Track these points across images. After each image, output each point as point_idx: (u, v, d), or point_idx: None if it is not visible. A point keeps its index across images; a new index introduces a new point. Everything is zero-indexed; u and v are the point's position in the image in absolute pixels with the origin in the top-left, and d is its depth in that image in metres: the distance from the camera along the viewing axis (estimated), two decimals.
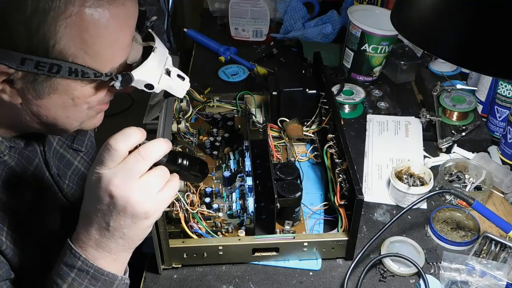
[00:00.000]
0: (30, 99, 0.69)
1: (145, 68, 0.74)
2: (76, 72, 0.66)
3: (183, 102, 1.06)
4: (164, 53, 0.80)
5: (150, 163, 0.68)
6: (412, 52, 1.41)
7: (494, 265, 0.88)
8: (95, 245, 0.69)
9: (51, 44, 0.64)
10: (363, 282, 0.88)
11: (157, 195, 0.68)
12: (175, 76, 0.80)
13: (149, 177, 0.67)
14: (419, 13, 0.64)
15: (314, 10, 1.61)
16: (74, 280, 0.70)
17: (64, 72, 0.66)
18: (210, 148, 1.08)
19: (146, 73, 0.74)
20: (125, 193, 0.65)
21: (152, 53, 0.76)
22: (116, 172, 0.65)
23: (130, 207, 0.66)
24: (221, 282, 0.89)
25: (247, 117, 1.11)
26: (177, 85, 0.81)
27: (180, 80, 0.81)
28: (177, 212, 0.84)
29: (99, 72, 0.68)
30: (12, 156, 0.80)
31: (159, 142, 0.70)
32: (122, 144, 0.66)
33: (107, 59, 0.69)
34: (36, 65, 0.64)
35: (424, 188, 1.00)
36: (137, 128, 0.69)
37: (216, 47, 1.51)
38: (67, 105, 0.71)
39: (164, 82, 0.78)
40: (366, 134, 1.20)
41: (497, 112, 1.16)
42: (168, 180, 0.70)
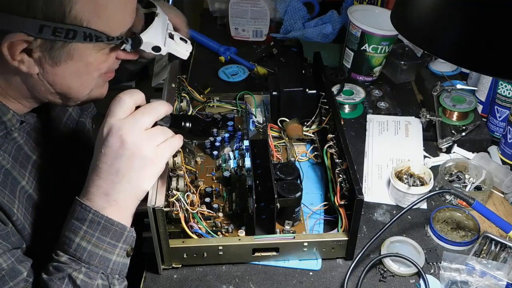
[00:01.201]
0: (47, 68, 0.72)
1: (151, 31, 0.80)
2: (90, 36, 0.70)
3: (183, 102, 1.06)
4: (165, 19, 0.85)
5: (154, 118, 0.77)
6: (412, 52, 1.41)
7: (494, 265, 0.88)
8: (103, 194, 0.74)
9: (67, 10, 0.67)
10: (363, 282, 0.88)
11: (160, 146, 0.76)
12: (178, 39, 0.88)
13: (153, 130, 0.76)
14: (419, 13, 0.64)
15: (314, 10, 1.61)
16: (86, 232, 0.74)
17: (80, 37, 0.69)
18: (210, 148, 1.08)
19: (153, 36, 0.80)
20: (134, 138, 0.73)
21: (156, 18, 0.82)
22: (126, 121, 0.74)
23: (138, 150, 0.73)
24: (221, 282, 0.89)
25: (247, 117, 1.11)
26: (181, 47, 0.88)
27: (183, 42, 0.89)
28: (177, 212, 0.84)
29: (111, 36, 0.73)
30: (21, 134, 0.82)
31: (161, 102, 0.80)
32: (129, 98, 0.75)
33: (117, 23, 0.73)
34: (53, 31, 0.67)
35: (424, 188, 1.00)
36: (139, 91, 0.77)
37: (216, 47, 1.51)
38: (81, 72, 0.75)
39: (169, 45, 0.85)
40: (366, 134, 1.20)
41: (497, 112, 1.16)
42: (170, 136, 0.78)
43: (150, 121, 0.76)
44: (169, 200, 0.83)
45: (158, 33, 0.82)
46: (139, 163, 0.74)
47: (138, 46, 0.79)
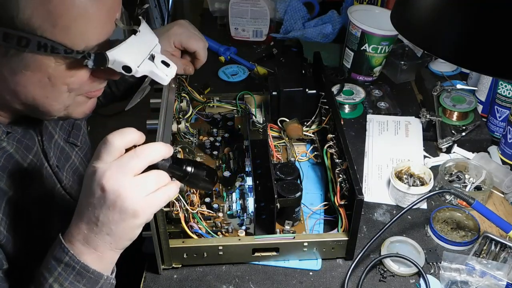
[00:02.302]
0: (6, 76, 0.69)
1: (122, 49, 0.71)
2: (45, 46, 0.65)
3: (183, 102, 1.06)
4: (151, 39, 0.78)
5: (146, 163, 0.67)
6: (412, 52, 1.41)
7: (494, 265, 0.88)
8: (83, 239, 0.69)
9: (14, 15, 0.63)
10: (363, 282, 0.88)
11: (149, 196, 0.67)
12: (159, 62, 0.78)
13: (143, 177, 0.67)
14: (419, 13, 0.64)
15: (314, 10, 1.61)
16: (60, 274, 0.69)
17: (33, 46, 0.65)
18: (210, 148, 1.09)
19: (124, 54, 0.71)
20: (116, 187, 0.65)
21: (133, 35, 0.74)
22: (110, 166, 0.66)
23: (119, 201, 0.65)
24: (221, 282, 0.89)
25: (247, 117, 1.11)
26: (160, 71, 0.78)
27: (165, 66, 0.79)
28: (177, 212, 0.84)
29: (70, 49, 0.66)
30: (10, 143, 0.80)
31: (157, 144, 0.70)
32: (118, 140, 0.66)
33: (79, 35, 0.67)
34: (4, 36, 0.64)
35: (424, 188, 1.00)
36: (135, 129, 0.69)
37: (216, 47, 1.51)
38: (44, 84, 0.70)
39: (145, 67, 0.76)
40: (366, 134, 1.20)
41: (497, 112, 1.16)
42: (165, 184, 0.69)
43: (140, 166, 0.67)
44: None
45: (132, 52, 0.73)
46: (118, 216, 0.66)
47: (102, 64, 0.70)
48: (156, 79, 0.79)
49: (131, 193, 0.66)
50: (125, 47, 0.72)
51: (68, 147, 0.97)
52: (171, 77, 0.81)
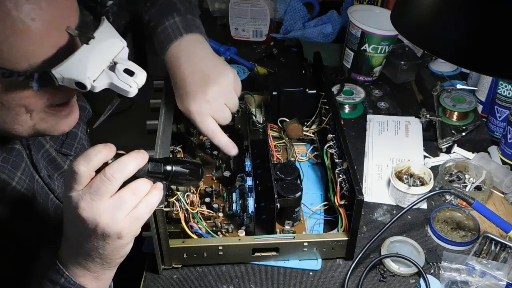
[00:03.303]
0: None
1: (71, 64, 0.62)
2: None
3: None
4: (113, 44, 0.67)
5: (118, 183, 0.64)
6: (412, 52, 1.41)
7: (494, 265, 0.88)
8: (75, 263, 0.68)
9: None
10: (363, 282, 0.88)
11: (131, 213, 0.65)
12: (121, 71, 0.67)
13: (120, 196, 0.64)
14: (419, 13, 0.64)
15: (314, 10, 1.61)
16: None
17: None
18: (210, 148, 1.08)
19: (73, 69, 0.62)
20: (92, 215, 0.62)
21: (84, 45, 0.63)
22: (82, 195, 0.62)
23: (100, 229, 0.63)
24: (221, 282, 0.89)
25: (247, 117, 1.11)
26: (121, 83, 0.67)
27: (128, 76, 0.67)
28: (177, 212, 0.84)
29: (8, 71, 0.60)
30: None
31: (128, 158, 0.65)
32: (83, 166, 0.62)
33: (17, 55, 0.60)
34: None
35: (424, 188, 1.00)
36: (101, 145, 0.64)
37: (216, 47, 1.50)
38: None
39: (103, 80, 0.66)
40: (366, 134, 1.20)
41: (497, 112, 1.16)
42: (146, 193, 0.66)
43: (112, 188, 0.63)
44: (169, 200, 0.83)
45: (82, 66, 0.63)
46: (103, 242, 0.64)
47: (49, 84, 0.62)
48: (120, 92, 0.68)
49: (110, 217, 0.63)
50: (73, 61, 0.63)
51: (60, 157, 0.94)
52: (138, 87, 0.69)
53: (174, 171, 0.71)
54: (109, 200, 0.63)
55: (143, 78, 0.70)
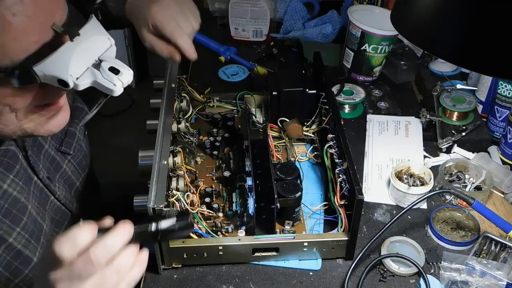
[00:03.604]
0: None
1: (52, 61, 0.60)
2: None
3: (183, 102, 1.06)
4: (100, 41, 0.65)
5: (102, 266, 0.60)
6: (412, 52, 1.41)
7: (494, 265, 0.88)
8: None
9: None
10: (363, 282, 0.88)
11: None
12: (106, 70, 0.64)
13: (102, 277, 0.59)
14: (419, 13, 0.64)
15: (314, 10, 1.61)
16: None
17: None
18: (210, 148, 1.09)
19: (55, 67, 0.61)
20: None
21: (68, 42, 0.62)
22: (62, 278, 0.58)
23: None
24: (221, 282, 0.89)
25: (247, 117, 1.11)
26: (105, 81, 0.64)
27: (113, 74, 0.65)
28: None
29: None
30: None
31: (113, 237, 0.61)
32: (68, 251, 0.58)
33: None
34: None
35: (424, 188, 1.00)
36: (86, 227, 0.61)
37: (216, 47, 1.51)
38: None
39: (87, 78, 0.64)
40: (366, 134, 1.20)
41: (497, 112, 1.16)
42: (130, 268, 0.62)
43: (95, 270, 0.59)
44: (169, 200, 0.83)
45: (65, 63, 0.61)
46: None
47: (31, 81, 0.60)
48: (104, 91, 0.66)
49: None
50: (57, 58, 0.61)
51: (59, 156, 0.94)
52: (124, 85, 0.67)
53: (162, 229, 0.69)
54: (91, 282, 0.59)
55: (129, 76, 0.67)
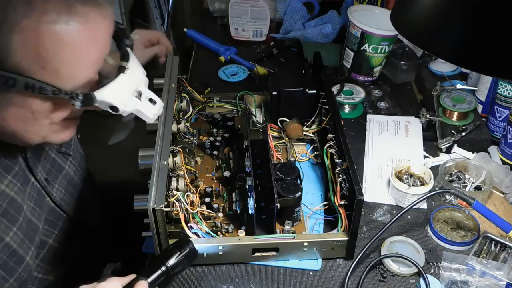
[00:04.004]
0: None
1: (110, 89, 0.71)
2: (33, 87, 0.64)
3: (183, 102, 1.06)
4: (138, 74, 0.77)
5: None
6: (412, 52, 1.41)
7: (494, 265, 0.88)
8: None
9: (5, 57, 0.61)
10: (363, 282, 0.88)
11: None
12: (145, 100, 0.77)
13: None
14: (419, 13, 0.64)
15: (314, 10, 1.61)
16: None
17: (20, 86, 0.63)
18: (210, 148, 1.08)
19: (111, 94, 0.71)
20: None
21: (121, 74, 0.73)
22: None
23: None
24: (221, 282, 0.89)
25: (247, 117, 1.11)
26: (146, 109, 0.78)
27: (151, 104, 0.79)
28: (177, 212, 0.84)
29: (58, 89, 0.66)
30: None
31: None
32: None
33: (68, 77, 0.66)
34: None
35: (424, 188, 1.00)
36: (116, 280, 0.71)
37: (216, 47, 1.51)
38: (27, 118, 0.69)
39: (132, 105, 0.75)
40: (366, 134, 1.20)
41: (497, 112, 1.16)
42: None
43: None
44: (169, 200, 0.83)
45: (120, 91, 0.73)
46: None
47: (90, 104, 0.70)
48: (142, 118, 0.78)
49: None
50: (113, 87, 0.71)
51: (60, 157, 0.95)
52: (158, 114, 0.81)
53: (170, 266, 0.79)
54: None
55: (161, 108, 0.81)
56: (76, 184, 0.99)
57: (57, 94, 0.66)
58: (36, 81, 0.64)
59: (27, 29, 0.61)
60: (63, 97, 0.67)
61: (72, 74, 0.67)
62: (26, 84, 0.64)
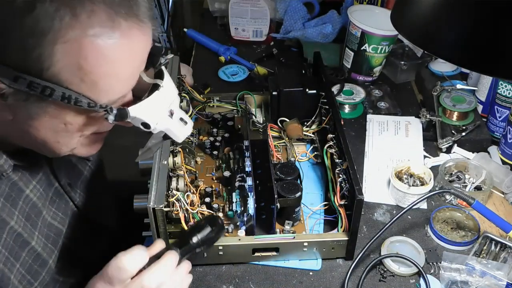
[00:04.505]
0: (20, 118, 0.67)
1: (143, 106, 0.71)
2: (69, 98, 0.64)
3: (183, 102, 1.06)
4: (172, 93, 0.77)
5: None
6: (412, 52, 1.41)
7: (494, 265, 0.88)
8: None
9: (45, 67, 0.61)
10: (363, 282, 0.88)
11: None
12: (177, 119, 0.77)
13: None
14: (419, 13, 0.64)
15: (314, 10, 1.61)
16: None
17: (57, 97, 0.63)
18: (210, 148, 1.08)
19: (144, 111, 0.72)
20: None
21: (156, 91, 0.73)
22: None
23: None
24: (221, 282, 0.89)
25: (247, 117, 1.11)
26: (177, 129, 0.78)
27: (182, 124, 0.78)
28: (177, 212, 0.84)
29: (94, 102, 0.66)
30: (16, 172, 0.78)
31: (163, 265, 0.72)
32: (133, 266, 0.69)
33: (104, 90, 0.66)
34: (28, 85, 0.62)
35: (424, 188, 1.00)
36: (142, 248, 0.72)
37: (216, 47, 1.51)
38: (59, 129, 0.69)
39: (163, 124, 0.75)
40: (366, 134, 1.20)
41: (497, 112, 1.16)
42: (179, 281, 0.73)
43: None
44: (169, 200, 0.83)
45: (153, 109, 0.73)
46: None
47: (123, 119, 0.70)
48: (172, 137, 0.78)
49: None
50: (146, 104, 0.72)
51: (80, 163, 0.97)
52: (187, 135, 0.81)
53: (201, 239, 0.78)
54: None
55: (191, 129, 0.81)
56: (95, 188, 1.00)
57: (92, 107, 0.66)
58: (74, 92, 0.64)
59: (70, 41, 0.61)
60: (97, 111, 0.67)
61: (109, 88, 0.67)
62: (63, 95, 0.63)
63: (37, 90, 0.62)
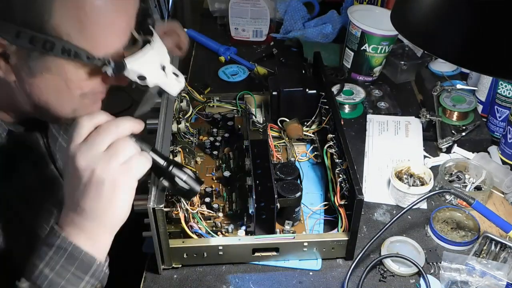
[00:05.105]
0: (23, 77, 0.70)
1: (138, 58, 0.74)
2: (69, 51, 0.67)
3: (183, 102, 1.06)
4: (162, 50, 0.79)
5: (114, 136, 0.69)
6: (412, 52, 1.41)
7: (494, 265, 0.88)
8: (71, 223, 0.70)
9: (45, 19, 0.64)
10: (363, 282, 0.88)
11: (123, 165, 0.68)
12: (170, 73, 0.80)
13: (115, 147, 0.68)
14: (419, 13, 0.64)
15: (314, 10, 1.61)
16: (51, 258, 0.68)
17: (57, 51, 0.66)
18: (210, 148, 1.08)
19: (140, 63, 0.74)
20: (86, 163, 0.67)
21: (147, 45, 0.76)
22: (80, 146, 0.68)
23: (93, 177, 0.67)
24: (221, 282, 0.89)
25: (247, 117, 1.11)
26: (171, 82, 0.80)
27: (175, 77, 0.81)
28: (177, 212, 0.84)
29: (92, 55, 0.69)
30: (10, 142, 0.80)
31: (121, 119, 0.71)
32: (87, 120, 0.69)
33: (101, 43, 0.69)
34: (30, 39, 0.65)
35: (424, 188, 1.00)
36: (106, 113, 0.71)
37: (216, 47, 1.51)
38: (60, 88, 0.72)
39: (157, 77, 0.78)
40: (366, 134, 1.20)
41: (497, 112, 1.16)
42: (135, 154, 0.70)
43: (105, 142, 0.68)
44: (169, 200, 0.83)
45: (147, 62, 0.75)
46: (95, 192, 0.67)
47: (120, 71, 0.72)
48: (166, 89, 0.80)
49: (102, 167, 0.67)
50: (141, 56, 0.74)
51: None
52: (181, 88, 0.82)
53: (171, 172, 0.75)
54: (102, 152, 0.68)
55: (184, 83, 0.82)
56: None
57: (90, 60, 0.69)
58: (73, 45, 0.67)
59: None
60: (96, 63, 0.69)
61: (105, 40, 0.69)
62: (63, 48, 0.66)
63: (38, 45, 0.65)
